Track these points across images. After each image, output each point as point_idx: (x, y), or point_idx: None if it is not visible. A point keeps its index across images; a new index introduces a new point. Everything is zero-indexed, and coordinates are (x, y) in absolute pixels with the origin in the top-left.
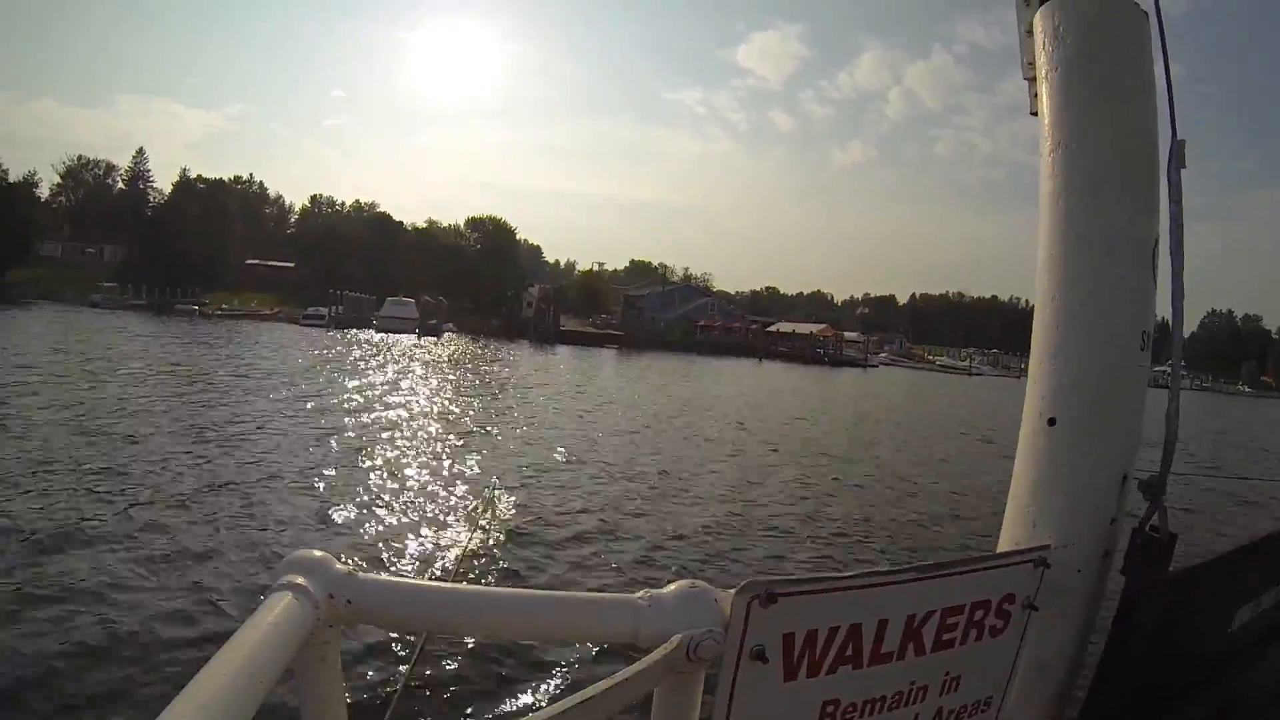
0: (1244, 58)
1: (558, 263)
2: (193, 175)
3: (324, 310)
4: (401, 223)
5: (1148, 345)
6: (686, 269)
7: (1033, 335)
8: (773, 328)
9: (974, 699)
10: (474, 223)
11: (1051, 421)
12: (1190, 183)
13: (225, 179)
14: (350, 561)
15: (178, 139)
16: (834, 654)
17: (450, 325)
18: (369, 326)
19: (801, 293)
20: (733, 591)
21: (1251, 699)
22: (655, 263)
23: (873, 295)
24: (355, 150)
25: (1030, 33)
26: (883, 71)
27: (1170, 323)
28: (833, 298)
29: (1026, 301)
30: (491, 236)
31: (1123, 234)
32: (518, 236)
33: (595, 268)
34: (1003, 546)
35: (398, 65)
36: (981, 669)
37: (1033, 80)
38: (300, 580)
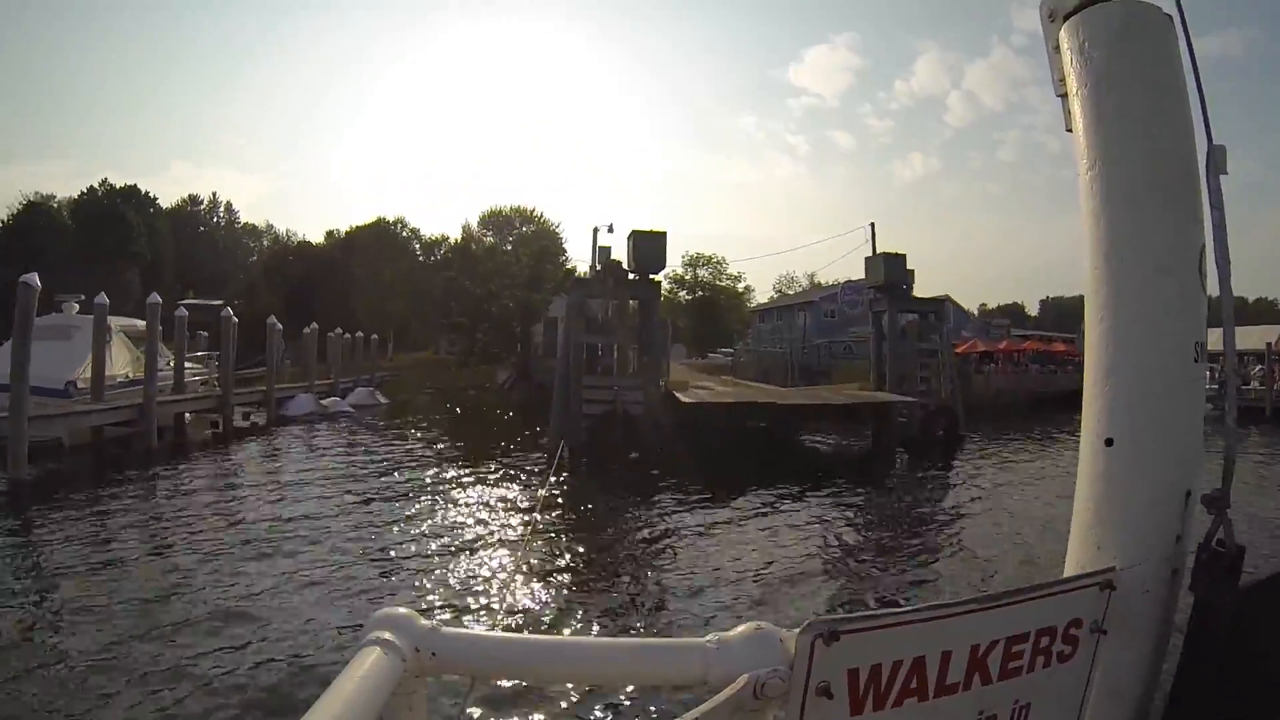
0: None
1: None
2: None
3: None
4: (401, 229)
5: (1202, 357)
6: (790, 273)
7: (1085, 356)
8: None
9: None
10: (491, 219)
11: (1109, 442)
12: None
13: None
14: (433, 616)
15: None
16: (899, 687)
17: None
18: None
19: None
20: (797, 631)
21: None
22: (717, 255)
23: (992, 306)
24: (400, 188)
25: (1058, 49)
26: (941, 74)
27: (1223, 332)
28: None
29: None
30: (527, 241)
31: (1167, 247)
32: (563, 244)
33: (703, 258)
34: (1068, 571)
35: (453, 101)
36: (1052, 696)
37: (1064, 97)
38: (388, 636)
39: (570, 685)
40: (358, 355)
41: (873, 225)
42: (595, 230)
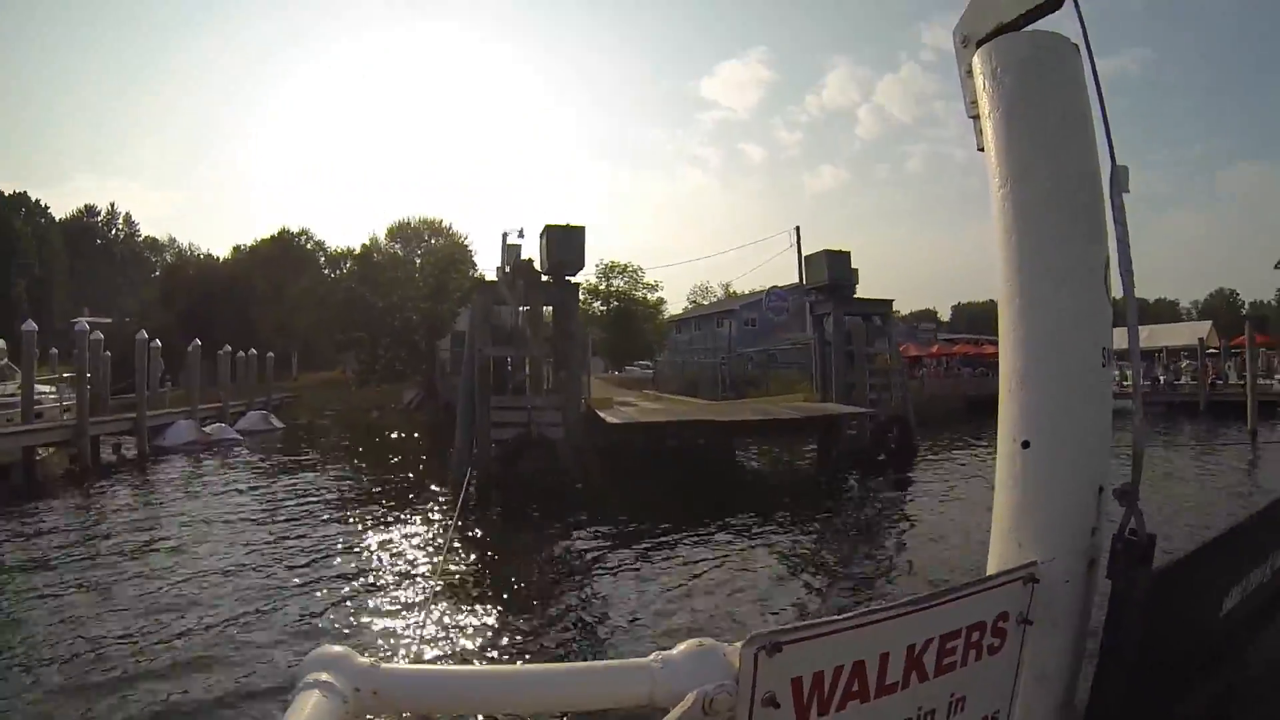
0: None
1: None
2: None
3: None
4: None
5: (1109, 361)
6: (705, 282)
7: (999, 364)
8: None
9: (981, 715)
10: (399, 231)
11: (1025, 444)
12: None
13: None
14: (369, 653)
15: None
16: (841, 691)
17: None
18: None
19: None
20: (740, 645)
21: (1254, 673)
22: (632, 264)
23: (906, 312)
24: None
25: (971, 73)
26: (851, 88)
27: (1129, 337)
28: None
29: None
30: (435, 252)
31: (1074, 260)
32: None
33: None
34: (992, 568)
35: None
36: (985, 686)
37: (977, 118)
38: (326, 677)
39: (517, 715)
40: (253, 376)
41: (798, 229)
42: (505, 234)
